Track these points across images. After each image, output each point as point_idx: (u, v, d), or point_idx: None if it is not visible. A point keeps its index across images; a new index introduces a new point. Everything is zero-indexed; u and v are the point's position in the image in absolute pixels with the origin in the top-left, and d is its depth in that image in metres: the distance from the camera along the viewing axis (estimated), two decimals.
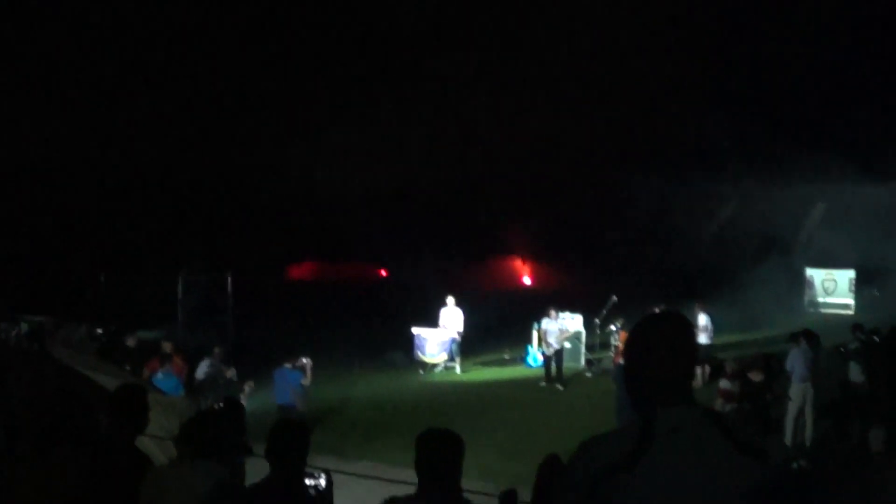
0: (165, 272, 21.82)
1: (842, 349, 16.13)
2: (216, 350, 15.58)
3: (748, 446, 2.69)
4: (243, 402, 11.83)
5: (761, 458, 2.69)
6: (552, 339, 20.33)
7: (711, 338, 20.37)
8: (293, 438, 4.76)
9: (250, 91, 37.06)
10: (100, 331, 16.60)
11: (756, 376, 14.15)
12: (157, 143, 32.58)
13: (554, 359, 20.32)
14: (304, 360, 14.71)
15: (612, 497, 2.71)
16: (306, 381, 14.51)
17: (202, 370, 14.97)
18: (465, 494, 4.52)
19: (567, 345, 21.14)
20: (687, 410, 2.79)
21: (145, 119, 32.77)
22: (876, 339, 16.10)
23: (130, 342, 16.23)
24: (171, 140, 33.03)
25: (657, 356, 2.87)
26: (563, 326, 20.88)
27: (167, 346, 15.73)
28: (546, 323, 20.71)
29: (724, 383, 14.47)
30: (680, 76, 38.94)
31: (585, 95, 39.09)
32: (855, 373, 15.46)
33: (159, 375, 13.35)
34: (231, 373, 15.19)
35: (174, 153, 32.78)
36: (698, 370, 17.46)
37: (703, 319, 20.23)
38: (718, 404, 13.52)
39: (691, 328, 2.96)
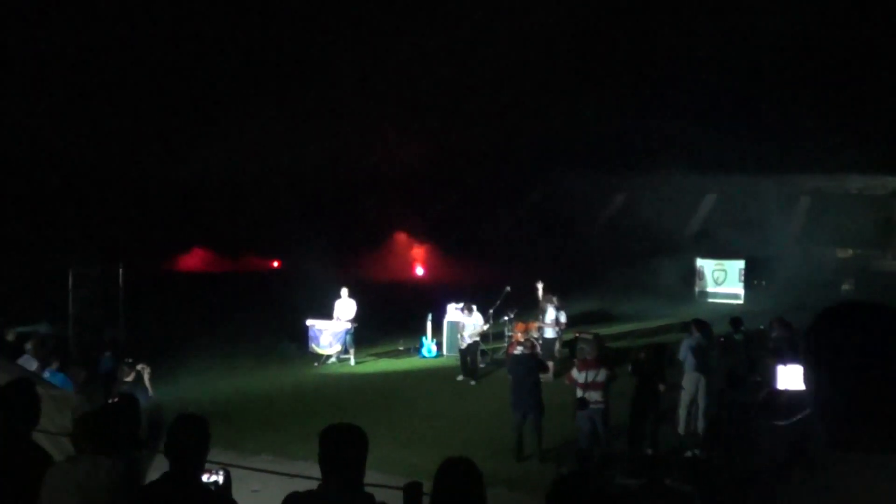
0: (55, 265, 21.30)
1: (722, 339, 16.49)
2: (29, 345, 14.44)
3: None
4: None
5: None
6: (466, 334, 20.37)
7: (561, 331, 20.75)
8: (192, 434, 4.73)
9: (142, 81, 36.48)
10: None
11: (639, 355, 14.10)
12: (50, 135, 31.89)
13: (468, 353, 20.27)
14: (140, 367, 14.03)
15: None
16: (151, 393, 13.82)
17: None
18: (365, 487, 4.55)
19: (471, 339, 20.94)
20: None
21: (39, 111, 32.02)
22: (762, 327, 16.59)
23: (10, 337, 15.77)
24: (64, 132, 32.35)
25: None
26: (477, 323, 20.79)
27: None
28: (461, 317, 20.79)
29: (574, 372, 13.53)
30: (575, 69, 39.52)
31: (479, 87, 39.40)
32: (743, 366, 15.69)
33: (46, 374, 12.91)
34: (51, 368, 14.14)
35: (67, 145, 32.12)
36: (550, 364, 17.38)
37: (552, 313, 20.62)
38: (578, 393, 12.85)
39: None
